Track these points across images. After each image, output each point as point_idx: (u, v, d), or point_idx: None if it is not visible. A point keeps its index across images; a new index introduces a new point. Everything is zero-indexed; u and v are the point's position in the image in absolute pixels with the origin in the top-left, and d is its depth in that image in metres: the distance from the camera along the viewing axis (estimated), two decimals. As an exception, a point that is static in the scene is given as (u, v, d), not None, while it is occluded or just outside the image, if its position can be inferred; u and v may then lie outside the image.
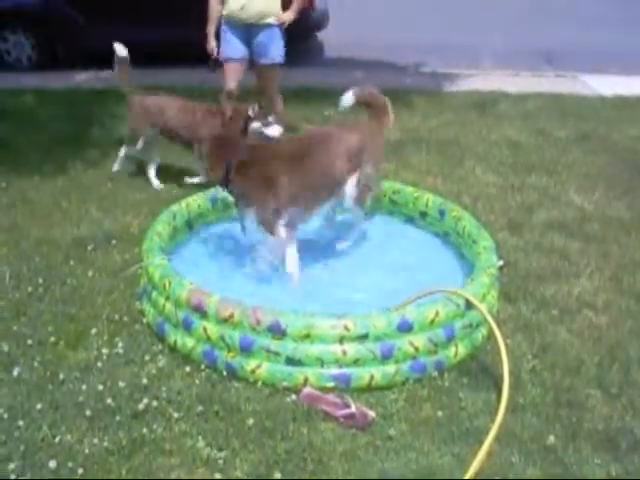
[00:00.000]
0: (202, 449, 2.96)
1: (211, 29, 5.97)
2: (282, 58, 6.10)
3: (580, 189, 5.63)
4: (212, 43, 5.98)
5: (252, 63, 6.13)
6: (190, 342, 3.49)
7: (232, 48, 5.95)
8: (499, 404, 3.07)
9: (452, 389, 3.34)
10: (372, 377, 3.30)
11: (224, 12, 5.88)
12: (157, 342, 3.65)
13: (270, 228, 4.02)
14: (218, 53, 5.98)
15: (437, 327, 3.42)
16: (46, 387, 3.31)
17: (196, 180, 5.62)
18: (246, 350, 3.35)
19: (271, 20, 5.93)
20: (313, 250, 4.39)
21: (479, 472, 2.83)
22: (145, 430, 3.05)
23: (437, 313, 3.42)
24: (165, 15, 9.42)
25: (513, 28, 12.04)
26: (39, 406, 3.17)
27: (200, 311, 3.46)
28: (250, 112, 5.12)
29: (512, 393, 3.17)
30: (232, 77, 6.06)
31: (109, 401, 3.21)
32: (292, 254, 4.07)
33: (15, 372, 3.40)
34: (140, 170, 5.93)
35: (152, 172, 5.74)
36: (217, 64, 6.05)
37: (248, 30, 5.92)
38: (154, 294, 3.73)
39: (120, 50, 5.83)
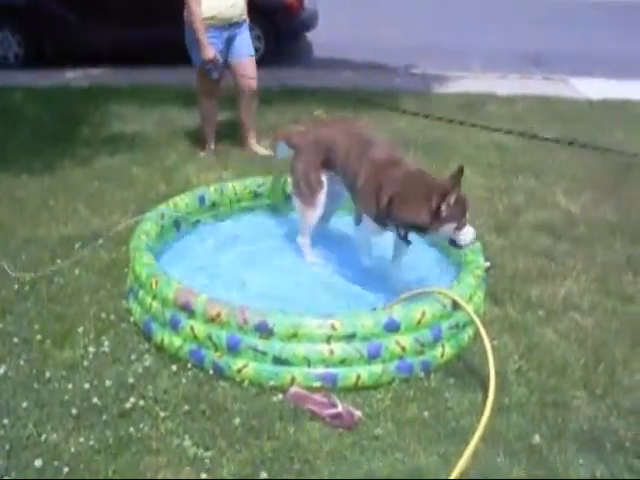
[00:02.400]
0: (189, 448, 2.95)
1: (204, 36, 5.74)
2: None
3: (567, 191, 5.66)
4: (211, 49, 5.79)
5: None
6: (177, 341, 3.49)
7: (218, 54, 5.88)
8: (485, 404, 3.08)
9: (438, 389, 3.34)
10: (359, 377, 3.31)
11: (206, 15, 5.75)
12: (144, 341, 3.64)
13: None
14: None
15: (424, 327, 3.43)
16: (32, 385, 3.30)
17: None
18: (233, 349, 3.34)
19: (245, 16, 6.00)
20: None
21: (464, 472, 2.84)
22: (132, 429, 3.04)
23: (424, 313, 3.42)
24: (155, 14, 9.40)
25: (502, 31, 12.10)
26: (25, 404, 3.16)
27: (187, 310, 3.45)
28: None
29: (498, 393, 3.18)
30: (212, 83, 6.05)
31: (95, 400, 3.19)
32: None
33: (1, 370, 3.39)
34: (128, 168, 5.91)
35: None
36: (220, 68, 5.96)
37: (231, 29, 5.91)
38: (141, 293, 3.72)
39: None
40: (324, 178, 4.23)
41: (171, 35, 9.19)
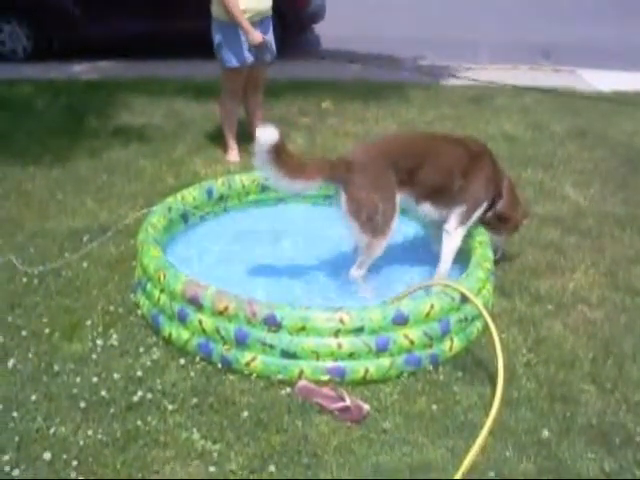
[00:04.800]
0: (197, 441, 2.96)
1: (246, 21, 5.47)
2: None
3: (576, 184, 5.64)
4: (257, 32, 5.53)
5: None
6: (185, 334, 3.49)
7: (246, 51, 5.66)
8: (493, 398, 3.08)
9: (447, 383, 3.34)
10: (367, 370, 3.30)
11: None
12: (152, 334, 3.64)
13: None
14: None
15: (432, 320, 3.42)
16: (41, 378, 3.31)
17: None
18: (241, 343, 3.34)
19: (271, 11, 5.86)
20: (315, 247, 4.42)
21: (473, 466, 2.83)
22: (139, 422, 3.04)
23: (432, 306, 3.42)
24: (161, 6, 9.40)
25: (511, 22, 12.04)
26: (34, 397, 3.17)
27: (195, 303, 3.45)
28: None
29: (506, 387, 3.18)
30: (241, 83, 5.94)
31: (103, 393, 3.20)
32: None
33: (10, 363, 3.40)
34: (136, 160, 5.91)
35: None
36: (271, 49, 5.72)
37: (261, 26, 5.69)
38: (149, 286, 3.72)
39: None
40: (397, 200, 3.89)
41: (178, 28, 9.27)
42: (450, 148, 4.08)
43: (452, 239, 4.02)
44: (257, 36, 5.54)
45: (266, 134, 3.55)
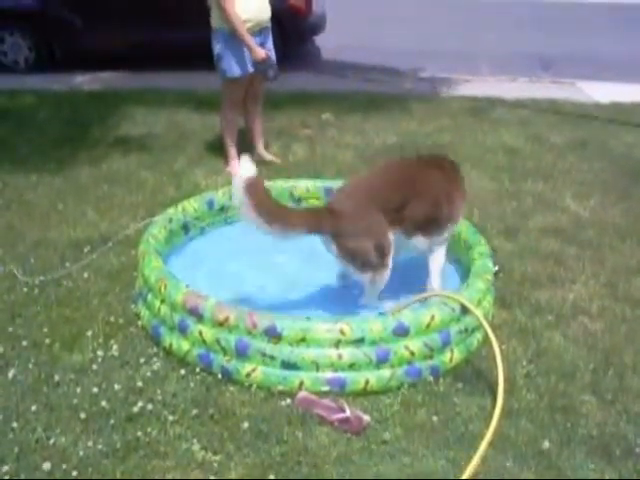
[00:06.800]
0: (197, 452, 2.96)
1: (249, 37, 5.50)
2: None
3: (576, 195, 5.65)
4: (260, 49, 5.57)
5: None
6: (185, 345, 3.49)
7: (247, 61, 5.67)
8: (494, 409, 3.08)
9: (447, 394, 3.34)
10: (367, 381, 3.30)
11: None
12: (152, 345, 3.64)
13: None
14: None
15: (433, 332, 3.43)
16: (41, 389, 3.31)
17: None
18: (241, 354, 3.34)
19: (269, 22, 5.88)
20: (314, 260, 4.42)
21: (473, 476, 2.83)
22: (140, 433, 3.04)
23: (433, 318, 3.42)
24: (162, 17, 9.45)
25: (510, 35, 12.10)
26: (34, 408, 3.17)
27: (196, 314, 3.46)
28: None
29: (507, 398, 3.18)
30: (242, 93, 5.98)
31: (104, 403, 3.20)
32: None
33: (10, 374, 3.40)
34: (137, 171, 5.93)
35: None
36: (274, 65, 5.73)
37: (261, 35, 5.71)
38: (149, 297, 3.73)
39: None
40: (391, 235, 3.77)
41: (181, 38, 9.32)
42: (431, 176, 3.96)
43: (437, 256, 4.04)
44: (260, 53, 5.57)
45: (243, 167, 3.46)
